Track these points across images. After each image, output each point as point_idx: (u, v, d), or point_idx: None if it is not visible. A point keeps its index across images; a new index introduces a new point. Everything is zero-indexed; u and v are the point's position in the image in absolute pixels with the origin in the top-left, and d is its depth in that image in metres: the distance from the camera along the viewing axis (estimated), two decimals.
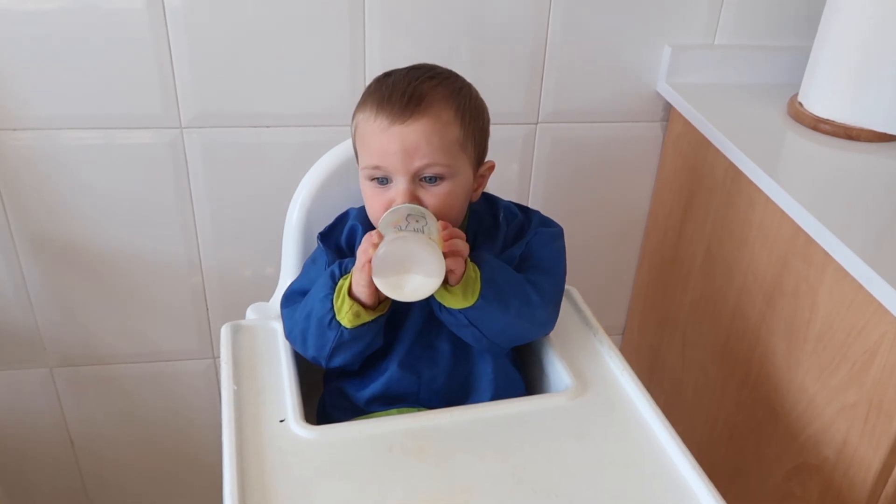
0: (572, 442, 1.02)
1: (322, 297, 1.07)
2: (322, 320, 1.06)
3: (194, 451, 1.95)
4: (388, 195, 1.08)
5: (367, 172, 1.09)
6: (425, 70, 1.11)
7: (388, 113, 1.05)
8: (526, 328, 1.14)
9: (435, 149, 1.05)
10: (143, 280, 1.68)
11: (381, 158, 1.06)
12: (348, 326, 1.05)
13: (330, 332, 1.06)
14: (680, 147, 1.63)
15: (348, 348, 1.08)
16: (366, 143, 1.09)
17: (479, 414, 1.06)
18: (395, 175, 1.07)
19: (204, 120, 1.52)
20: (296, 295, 1.17)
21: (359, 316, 1.05)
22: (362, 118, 1.09)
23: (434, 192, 1.07)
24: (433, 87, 1.08)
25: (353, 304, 1.04)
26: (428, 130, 1.05)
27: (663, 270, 1.74)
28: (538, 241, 1.16)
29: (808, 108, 1.46)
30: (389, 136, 1.05)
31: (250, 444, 1.00)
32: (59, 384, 1.78)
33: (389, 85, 1.08)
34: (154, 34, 1.43)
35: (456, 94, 1.10)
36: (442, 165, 1.06)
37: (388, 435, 1.02)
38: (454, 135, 1.07)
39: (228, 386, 1.10)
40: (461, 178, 1.10)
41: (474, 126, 1.11)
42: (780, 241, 1.30)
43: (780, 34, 1.62)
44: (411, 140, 1.04)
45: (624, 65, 1.61)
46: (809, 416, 1.25)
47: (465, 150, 1.09)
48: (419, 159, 1.05)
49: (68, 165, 1.52)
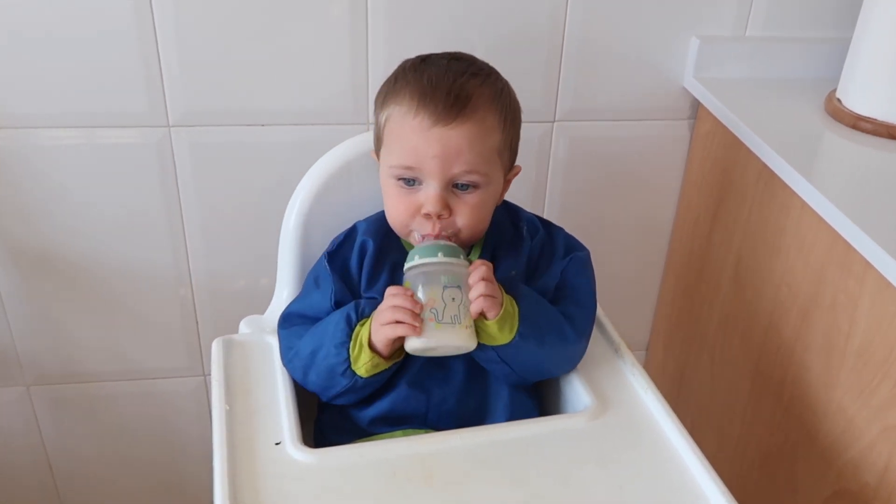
0: (592, 467, 1.02)
1: (337, 344, 1.07)
2: (334, 368, 1.08)
3: (183, 477, 1.95)
4: (416, 199, 1.08)
5: (396, 171, 1.09)
6: (466, 63, 1.11)
7: (432, 111, 1.04)
8: (557, 364, 1.15)
9: (476, 156, 1.05)
10: (127, 291, 1.68)
11: (416, 160, 1.06)
12: (364, 376, 1.07)
13: (342, 380, 1.08)
14: (708, 147, 1.63)
15: (358, 393, 1.11)
16: (399, 139, 1.08)
17: (492, 436, 1.06)
18: (427, 179, 1.07)
19: (193, 118, 1.52)
20: (294, 317, 1.17)
21: (377, 367, 1.07)
22: (398, 111, 1.08)
23: (466, 200, 1.08)
24: (478, 87, 1.07)
25: (374, 357, 1.06)
26: (472, 135, 1.05)
27: (690, 282, 1.74)
28: (574, 270, 1.17)
29: (847, 105, 1.46)
30: (429, 138, 1.04)
31: (244, 468, 1.01)
32: (36, 404, 1.79)
33: (432, 78, 1.07)
34: (139, 24, 1.43)
35: (499, 96, 1.10)
36: (479, 174, 1.07)
37: (392, 459, 1.02)
38: (495, 141, 1.08)
39: (220, 406, 1.10)
40: (494, 186, 1.11)
41: (513, 131, 1.12)
42: (816, 250, 1.30)
43: (817, 24, 1.62)
44: (454, 144, 1.04)
45: (648, 58, 1.61)
46: (848, 438, 1.25)
47: (501, 158, 1.10)
48: (458, 166, 1.05)
49: (45, 167, 1.53)
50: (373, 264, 1.15)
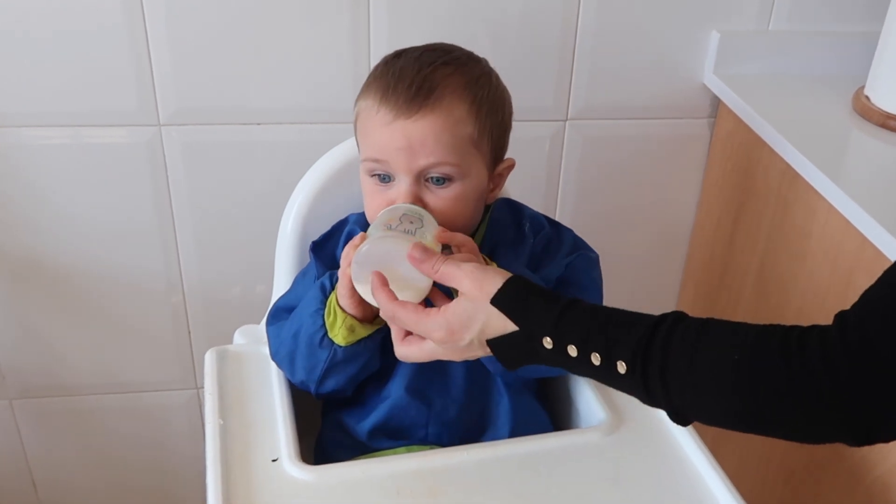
0: (606, 485, 1.02)
1: (312, 313, 1.08)
2: (312, 339, 1.08)
3: (174, 497, 1.96)
4: (389, 195, 1.09)
5: (367, 166, 1.10)
6: (441, 53, 1.11)
7: (393, 105, 1.06)
8: None
9: (443, 147, 1.06)
10: (115, 300, 1.69)
11: (382, 153, 1.07)
12: (342, 344, 1.06)
13: (321, 352, 1.08)
14: (730, 147, 1.63)
15: (342, 370, 1.10)
16: (366, 134, 1.10)
17: (499, 452, 1.06)
18: (397, 173, 1.08)
19: (185, 116, 1.53)
20: (282, 312, 1.18)
21: (353, 330, 1.06)
22: (364, 106, 1.10)
23: (440, 194, 1.08)
24: (447, 76, 1.08)
25: (347, 318, 1.05)
26: (436, 127, 1.05)
27: (711, 288, 1.74)
28: (581, 266, 1.17)
29: (875, 103, 1.46)
30: (392, 131, 1.06)
31: (239, 487, 1.01)
32: (19, 418, 1.79)
33: (397, 70, 1.08)
34: (129, 19, 1.43)
35: (473, 85, 1.10)
36: (450, 165, 1.07)
37: (395, 476, 1.02)
38: (466, 132, 1.08)
39: (213, 421, 1.10)
40: (473, 179, 1.10)
41: (492, 121, 1.12)
42: (843, 255, 1.30)
43: (844, 18, 1.62)
44: (416, 137, 1.05)
45: (665, 53, 1.61)
46: (876, 455, 1.24)
47: (479, 149, 1.10)
48: (424, 158, 1.06)
49: (29, 168, 1.53)
50: None
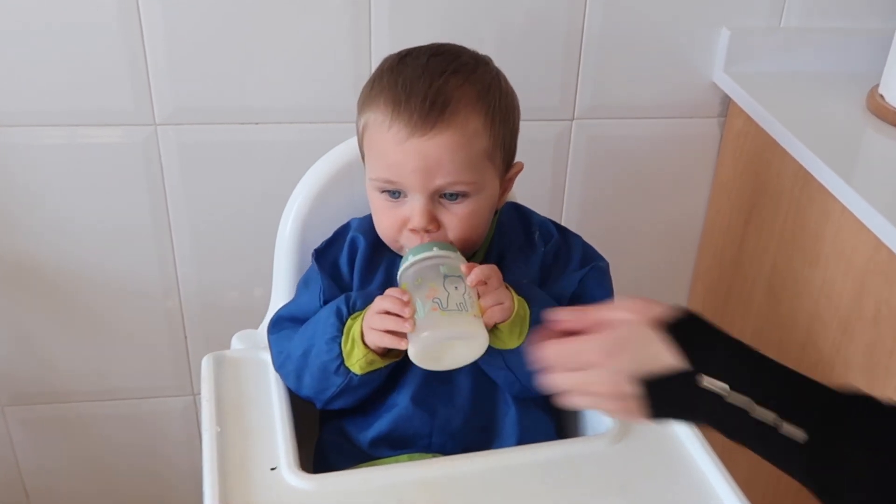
0: (614, 495, 1.02)
1: (328, 340, 1.08)
2: (326, 366, 1.08)
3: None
4: (402, 212, 1.08)
5: (378, 185, 1.09)
6: (449, 58, 1.10)
7: (406, 121, 1.04)
8: None
9: (459, 165, 1.05)
10: (109, 304, 1.69)
11: (396, 174, 1.06)
12: (359, 373, 1.07)
13: (336, 378, 1.08)
14: (740, 147, 1.63)
15: (354, 394, 1.10)
16: (377, 152, 1.09)
17: (504, 461, 1.06)
18: (411, 191, 1.07)
19: (182, 115, 1.53)
20: (286, 321, 1.18)
21: (373, 364, 1.06)
22: (373, 119, 1.08)
23: (455, 211, 1.08)
24: (459, 87, 1.07)
25: (368, 353, 1.06)
26: (452, 145, 1.04)
27: (720, 293, 1.74)
28: (594, 281, 1.17)
29: (890, 102, 1.46)
30: (406, 151, 1.04)
31: (236, 496, 1.01)
32: (11, 425, 1.79)
33: (407, 81, 1.06)
34: (124, 16, 1.44)
35: (485, 94, 1.09)
36: (466, 183, 1.06)
37: (397, 485, 1.02)
38: (482, 146, 1.07)
39: (211, 428, 1.11)
40: (487, 192, 1.10)
41: (504, 130, 1.11)
42: (857, 259, 1.30)
43: (858, 15, 1.63)
44: (432, 156, 1.04)
45: (674, 50, 1.62)
46: None
47: (492, 161, 1.10)
48: (441, 177, 1.05)
49: (22, 169, 1.53)
50: (366, 262, 1.15)
